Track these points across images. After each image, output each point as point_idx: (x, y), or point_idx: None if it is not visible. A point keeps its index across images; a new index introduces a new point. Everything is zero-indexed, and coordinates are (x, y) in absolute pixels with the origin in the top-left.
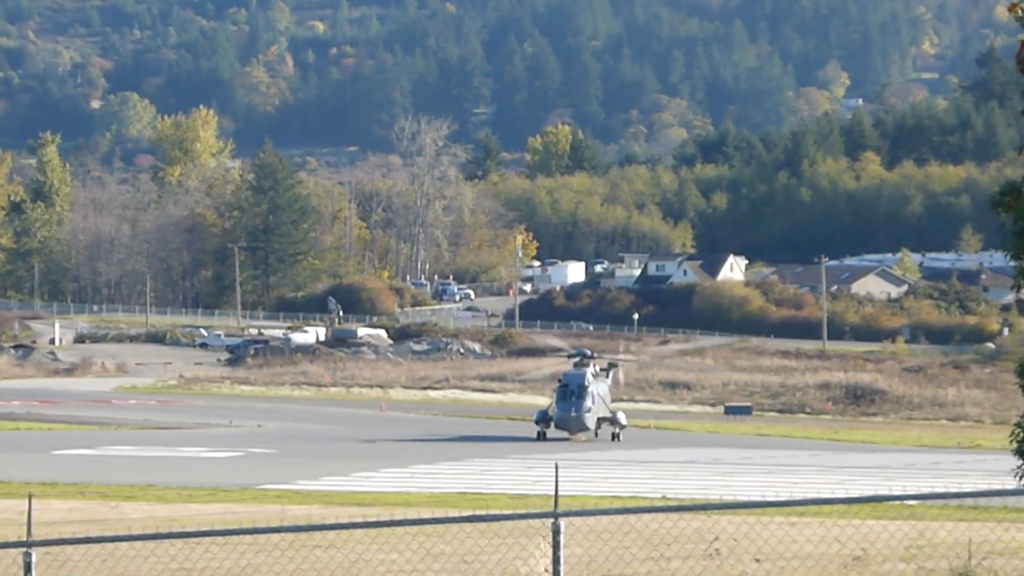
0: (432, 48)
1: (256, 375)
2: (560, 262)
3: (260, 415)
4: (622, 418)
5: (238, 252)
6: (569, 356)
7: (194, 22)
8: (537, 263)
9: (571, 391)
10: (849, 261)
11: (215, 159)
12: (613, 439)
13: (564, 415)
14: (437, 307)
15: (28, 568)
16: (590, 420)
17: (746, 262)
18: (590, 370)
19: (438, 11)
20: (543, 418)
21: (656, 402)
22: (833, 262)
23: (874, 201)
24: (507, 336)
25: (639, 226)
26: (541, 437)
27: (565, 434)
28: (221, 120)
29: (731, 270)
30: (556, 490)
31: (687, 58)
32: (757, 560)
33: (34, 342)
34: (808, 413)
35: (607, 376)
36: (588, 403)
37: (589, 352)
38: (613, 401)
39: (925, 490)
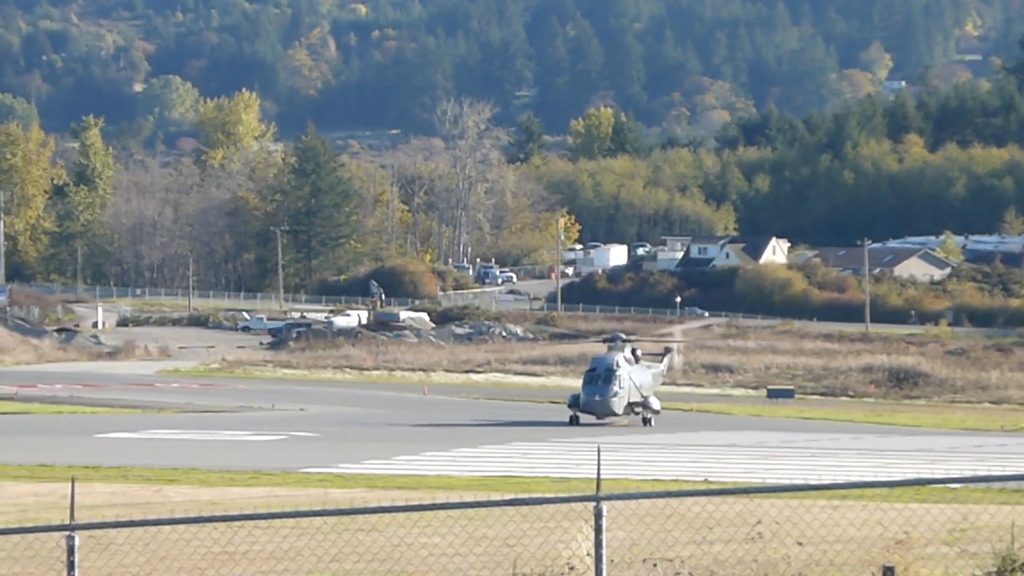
0: (474, 31)
1: (298, 358)
2: (602, 245)
3: (302, 398)
4: (654, 403)
5: (280, 235)
6: (603, 340)
7: (236, 5)
8: (579, 246)
9: (598, 375)
10: (892, 244)
11: (257, 142)
12: (644, 424)
13: (589, 399)
14: (479, 290)
15: (71, 551)
16: (616, 404)
17: (789, 245)
18: (621, 354)
19: None
20: (575, 402)
21: (698, 385)
22: (876, 245)
23: (917, 183)
24: (549, 319)
25: (681, 209)
26: (574, 421)
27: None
28: (263, 103)
29: (774, 253)
30: (598, 474)
31: (730, 40)
32: (799, 543)
33: (77, 325)
34: (851, 396)
35: (663, 360)
36: (615, 387)
37: (623, 336)
38: (665, 384)
39: (968, 473)
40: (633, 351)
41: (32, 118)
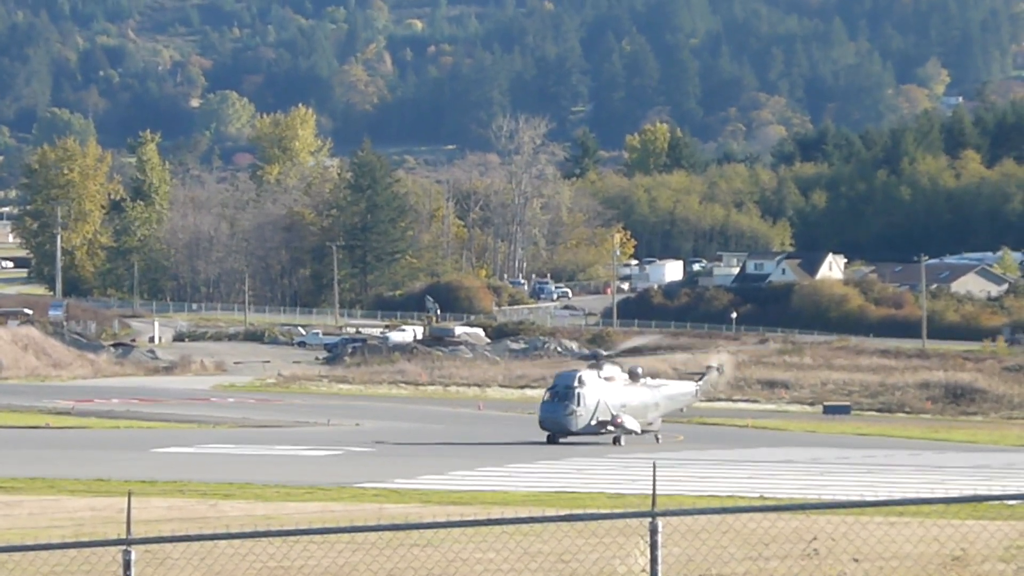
0: (530, 46)
1: (354, 374)
2: (658, 261)
3: (358, 414)
4: (629, 423)
5: (336, 251)
6: (583, 358)
7: (293, 21)
8: (635, 262)
9: (557, 392)
10: (949, 260)
11: (313, 158)
12: (615, 443)
13: (545, 416)
14: (534, 306)
15: (127, 566)
16: (572, 422)
17: (845, 261)
18: (586, 372)
19: (536, 9)
20: None
21: (754, 401)
22: (933, 260)
23: (974, 199)
24: (604, 335)
25: (737, 224)
26: (552, 440)
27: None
28: (319, 118)
29: (830, 269)
30: (654, 489)
31: (786, 55)
32: (856, 560)
33: (133, 340)
34: (907, 412)
35: (700, 379)
36: (571, 405)
37: (603, 352)
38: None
39: None
40: (632, 370)
41: (89, 133)
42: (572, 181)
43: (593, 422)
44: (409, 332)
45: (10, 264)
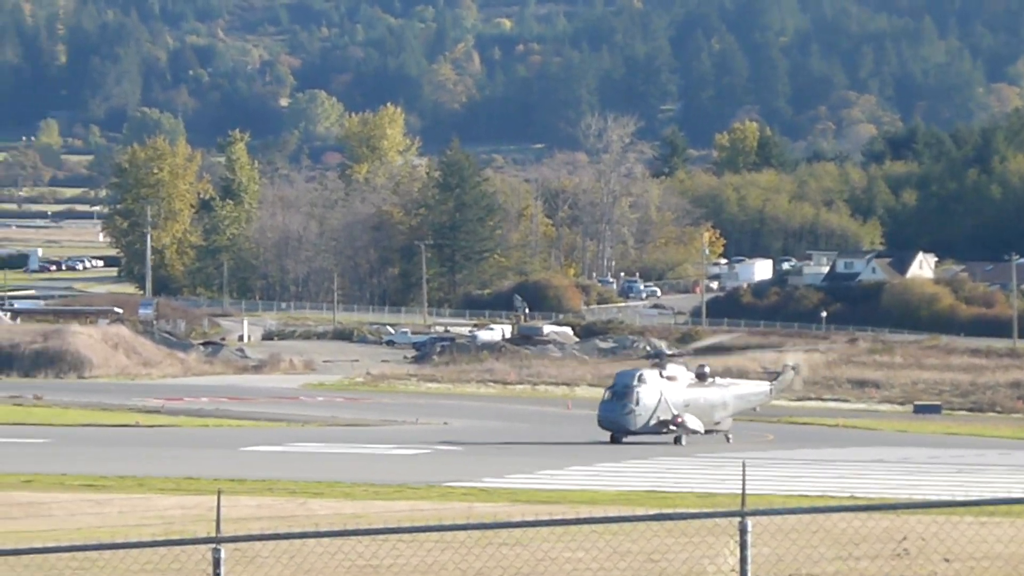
0: (619, 45)
1: (442, 372)
2: (747, 259)
3: (446, 412)
4: (691, 422)
5: (425, 249)
6: (647, 357)
7: (382, 20)
8: (724, 260)
9: (616, 392)
10: None
11: (402, 156)
12: (675, 443)
13: (603, 415)
14: (623, 304)
15: (217, 564)
16: (630, 421)
17: (935, 259)
18: (647, 371)
19: (625, 7)
20: None
21: (845, 400)
22: None
23: None
24: (693, 334)
25: (827, 223)
26: (614, 439)
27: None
28: (408, 117)
29: (920, 267)
30: (743, 489)
31: (876, 54)
32: (947, 560)
33: (223, 339)
34: (998, 412)
35: (776, 379)
36: (629, 404)
37: (668, 352)
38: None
39: None
40: (699, 369)
41: (179, 133)
42: (661, 180)
43: (653, 421)
44: (498, 331)
45: (100, 263)
